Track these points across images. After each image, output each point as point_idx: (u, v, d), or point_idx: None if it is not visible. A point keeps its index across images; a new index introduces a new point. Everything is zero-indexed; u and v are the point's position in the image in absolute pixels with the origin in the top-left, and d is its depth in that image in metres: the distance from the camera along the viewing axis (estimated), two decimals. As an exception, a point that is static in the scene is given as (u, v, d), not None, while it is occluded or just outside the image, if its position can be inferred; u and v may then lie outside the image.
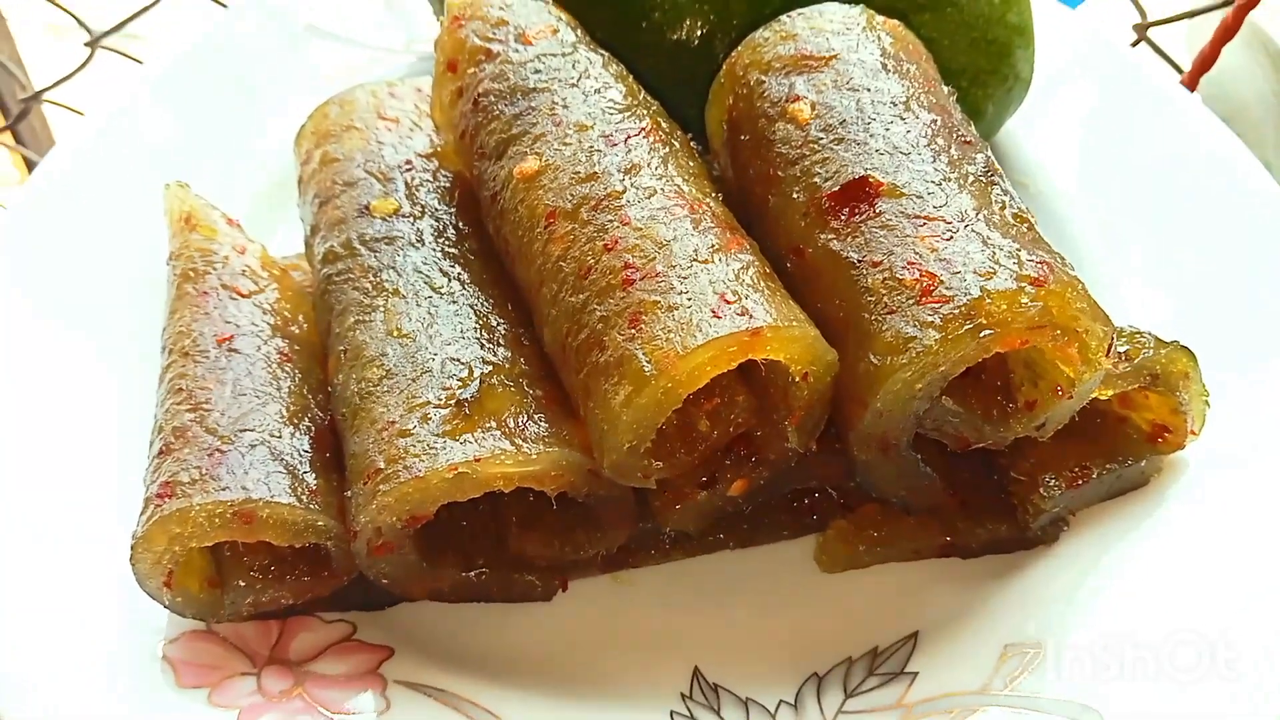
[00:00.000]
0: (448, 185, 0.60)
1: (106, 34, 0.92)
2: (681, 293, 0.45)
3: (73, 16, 0.92)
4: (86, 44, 0.92)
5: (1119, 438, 0.56)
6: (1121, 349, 0.53)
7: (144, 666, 0.50)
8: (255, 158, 0.76)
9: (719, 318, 0.44)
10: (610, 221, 0.48)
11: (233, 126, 0.78)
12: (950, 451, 0.53)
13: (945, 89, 0.56)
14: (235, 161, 0.76)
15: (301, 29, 0.84)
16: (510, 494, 0.53)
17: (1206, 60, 0.84)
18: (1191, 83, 0.85)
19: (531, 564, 0.53)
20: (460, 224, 0.58)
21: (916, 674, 0.52)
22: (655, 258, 0.46)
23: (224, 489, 0.47)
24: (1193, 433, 0.56)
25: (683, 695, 0.52)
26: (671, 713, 0.51)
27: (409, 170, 0.60)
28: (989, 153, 0.52)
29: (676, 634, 0.55)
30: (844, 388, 0.47)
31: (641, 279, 0.46)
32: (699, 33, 0.66)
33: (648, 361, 0.44)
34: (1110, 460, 0.55)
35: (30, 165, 1.13)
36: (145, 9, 0.92)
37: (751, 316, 0.44)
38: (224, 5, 0.89)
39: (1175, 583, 0.52)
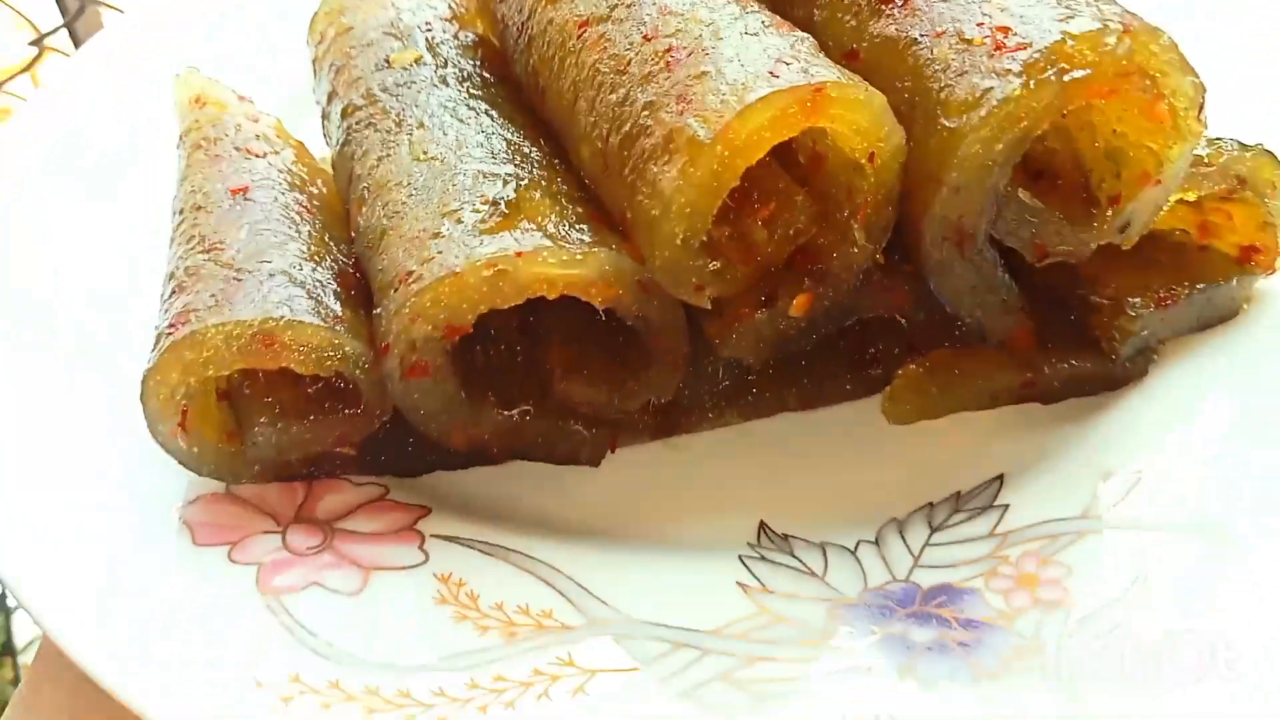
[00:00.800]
0: (470, 43, 0.57)
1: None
2: (732, 60, 0.41)
3: None
4: None
5: (1205, 263, 0.52)
6: (1202, 151, 0.49)
7: (157, 528, 0.45)
8: (271, 69, 0.73)
9: (777, 76, 0.40)
10: (648, 14, 0.45)
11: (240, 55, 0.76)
12: (1026, 280, 0.49)
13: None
14: (250, 73, 0.73)
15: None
16: (553, 335, 0.49)
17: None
18: None
19: (578, 411, 0.49)
20: (484, 74, 0.54)
21: (1008, 505, 0.47)
22: (701, 35, 0.43)
23: (241, 310, 0.43)
24: (1285, 249, 0.51)
25: (749, 544, 0.47)
26: (740, 557, 0.46)
27: (429, 30, 0.57)
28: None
29: (737, 493, 0.50)
30: (914, 173, 0.43)
31: (688, 56, 0.42)
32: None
33: (701, 126, 0.40)
34: (1197, 281, 0.51)
35: None
36: None
37: (813, 75, 0.40)
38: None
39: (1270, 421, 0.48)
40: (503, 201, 0.43)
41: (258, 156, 0.54)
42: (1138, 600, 0.41)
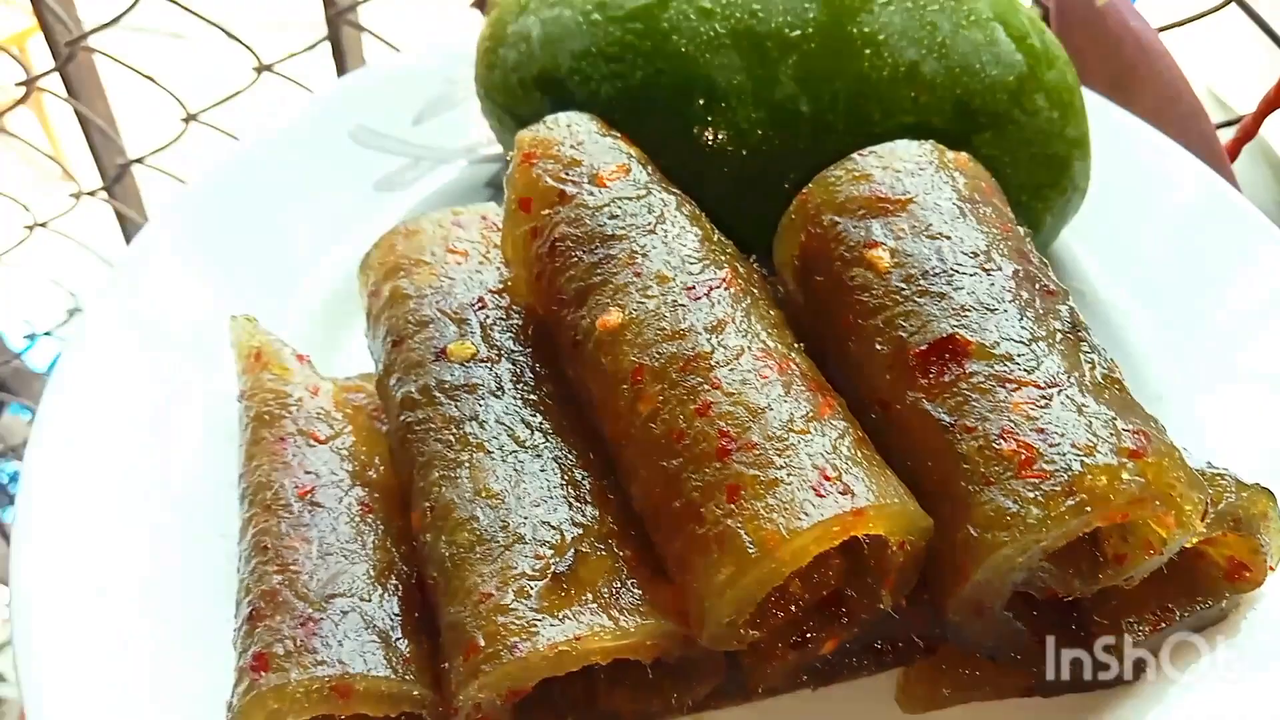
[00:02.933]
0: (520, 323, 0.60)
1: (203, 111, 0.95)
2: (781, 468, 0.45)
3: (171, 95, 0.96)
4: (183, 119, 0.95)
5: (1198, 575, 0.56)
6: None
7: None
8: (312, 270, 0.76)
9: (822, 497, 0.44)
10: (700, 385, 0.49)
11: (288, 236, 0.78)
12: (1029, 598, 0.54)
13: (1020, 230, 0.56)
14: (292, 273, 0.76)
15: (351, 130, 0.84)
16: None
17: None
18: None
19: (620, 717, 0.53)
20: (537, 366, 0.58)
21: (1012, 829, 0.52)
22: (750, 427, 0.46)
23: (320, 663, 0.47)
24: (1271, 569, 0.56)
25: None
26: None
27: (481, 309, 0.60)
28: (1071, 304, 0.52)
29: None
30: (941, 554, 0.47)
31: (738, 450, 0.46)
32: (761, 157, 0.66)
33: (751, 542, 0.44)
34: (1191, 600, 0.55)
35: (123, 219, 1.17)
36: (237, 93, 0.95)
37: (854, 495, 0.44)
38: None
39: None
40: (563, 577, 0.47)
41: (321, 443, 0.57)
42: None
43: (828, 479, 0.44)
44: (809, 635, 0.50)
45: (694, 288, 0.53)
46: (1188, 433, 0.54)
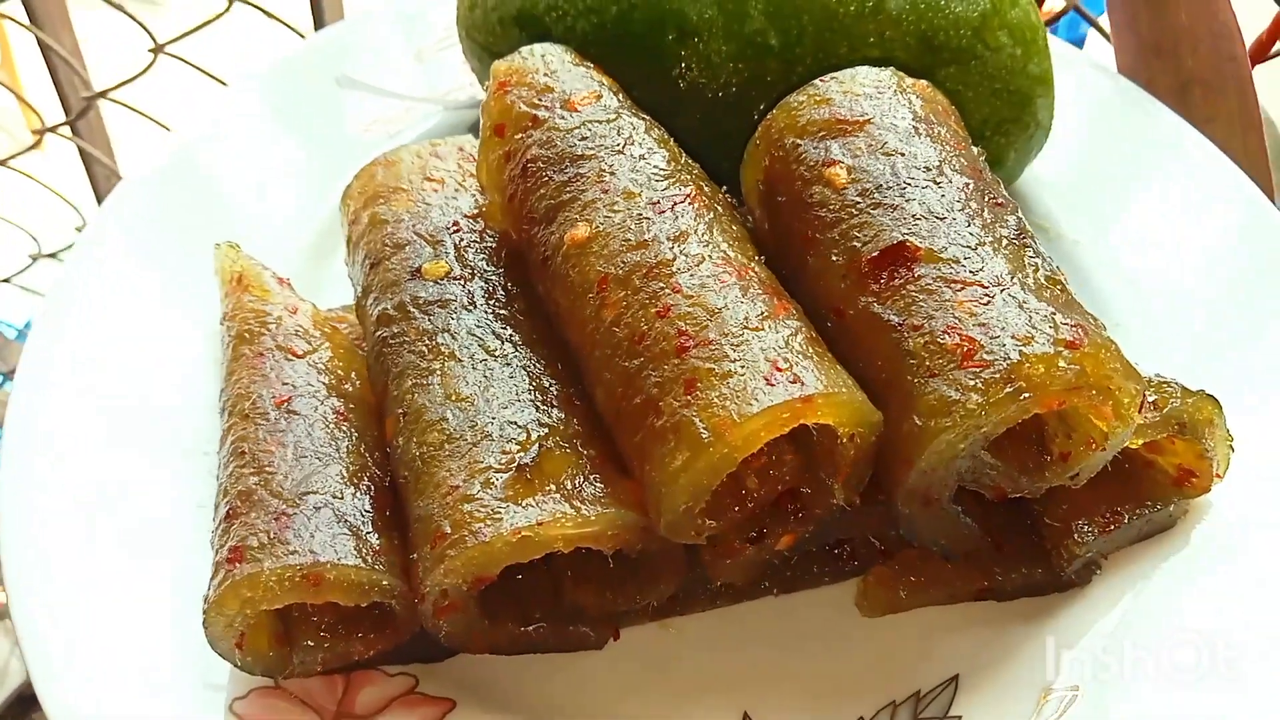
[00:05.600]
0: (494, 245, 0.62)
1: (171, 41, 0.96)
2: (735, 360, 0.47)
3: (139, 24, 0.96)
4: (150, 50, 0.95)
5: (1147, 482, 0.58)
6: (1150, 398, 0.55)
7: (212, 721, 0.52)
8: (297, 211, 0.78)
9: (772, 385, 0.46)
10: (661, 289, 0.50)
11: (273, 180, 0.80)
12: (982, 501, 0.56)
13: (975, 149, 0.58)
14: (278, 215, 0.78)
15: (335, 80, 0.86)
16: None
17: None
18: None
19: (585, 615, 0.55)
20: (508, 284, 0.60)
21: (960, 718, 0.54)
22: (707, 325, 0.48)
23: (292, 553, 0.49)
24: (1217, 476, 0.58)
25: (733, 738, 0.54)
26: (723, 757, 0.53)
27: (456, 232, 0.62)
28: (1020, 214, 0.54)
29: (724, 678, 0.57)
30: (889, 447, 0.49)
31: (695, 346, 0.48)
32: (732, 90, 0.68)
33: (705, 428, 0.46)
34: (1139, 505, 0.57)
35: (86, 157, 1.17)
36: (208, 22, 0.96)
37: (803, 384, 0.46)
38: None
39: (1203, 623, 0.54)
40: (527, 467, 0.49)
41: (298, 357, 0.59)
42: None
43: (779, 370, 0.46)
44: (766, 531, 0.52)
45: (659, 203, 0.55)
46: (1148, 358, 0.56)
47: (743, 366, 0.47)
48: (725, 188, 0.62)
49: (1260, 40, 0.84)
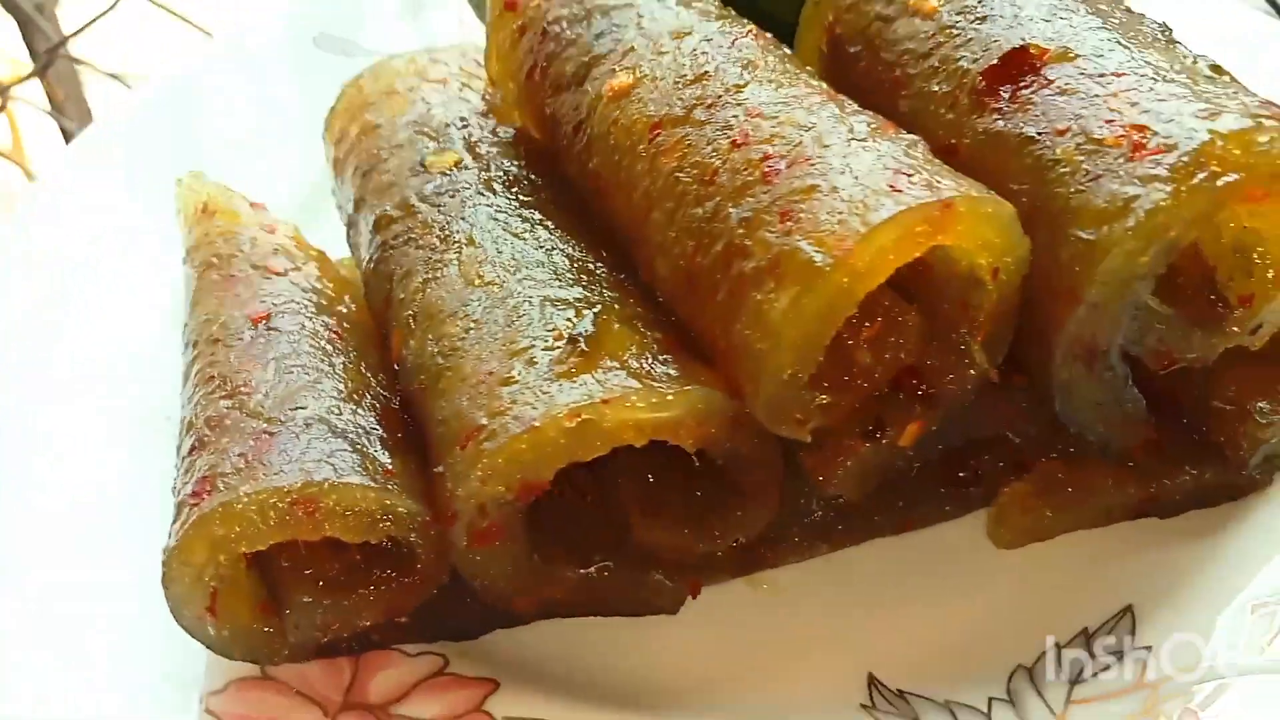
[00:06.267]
0: (511, 140, 0.52)
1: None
2: (843, 171, 0.36)
3: None
4: None
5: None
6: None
7: (185, 722, 0.39)
8: (274, 176, 0.68)
9: (900, 192, 0.35)
10: (735, 116, 0.40)
11: (247, 145, 0.71)
12: (1142, 384, 0.44)
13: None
14: (253, 180, 0.68)
15: (313, 38, 0.77)
16: (628, 477, 0.43)
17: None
18: None
19: (658, 560, 0.43)
20: (531, 175, 0.49)
21: (1150, 648, 0.42)
22: (802, 141, 0.38)
23: (277, 474, 0.37)
24: None
25: (863, 707, 0.42)
26: (857, 721, 0.40)
27: (465, 127, 0.52)
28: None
29: (835, 640, 0.45)
30: (1041, 287, 0.39)
31: (788, 166, 0.37)
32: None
33: (817, 251, 0.35)
34: (1329, 381, 0.46)
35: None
36: None
37: (939, 189, 0.36)
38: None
39: None
40: (582, 338, 0.38)
41: (278, 275, 0.48)
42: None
43: (906, 175, 0.36)
44: (885, 422, 0.41)
45: (714, 38, 0.45)
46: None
47: (857, 178, 0.36)
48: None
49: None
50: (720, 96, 0.41)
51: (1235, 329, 0.41)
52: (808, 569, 0.48)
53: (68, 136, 1.20)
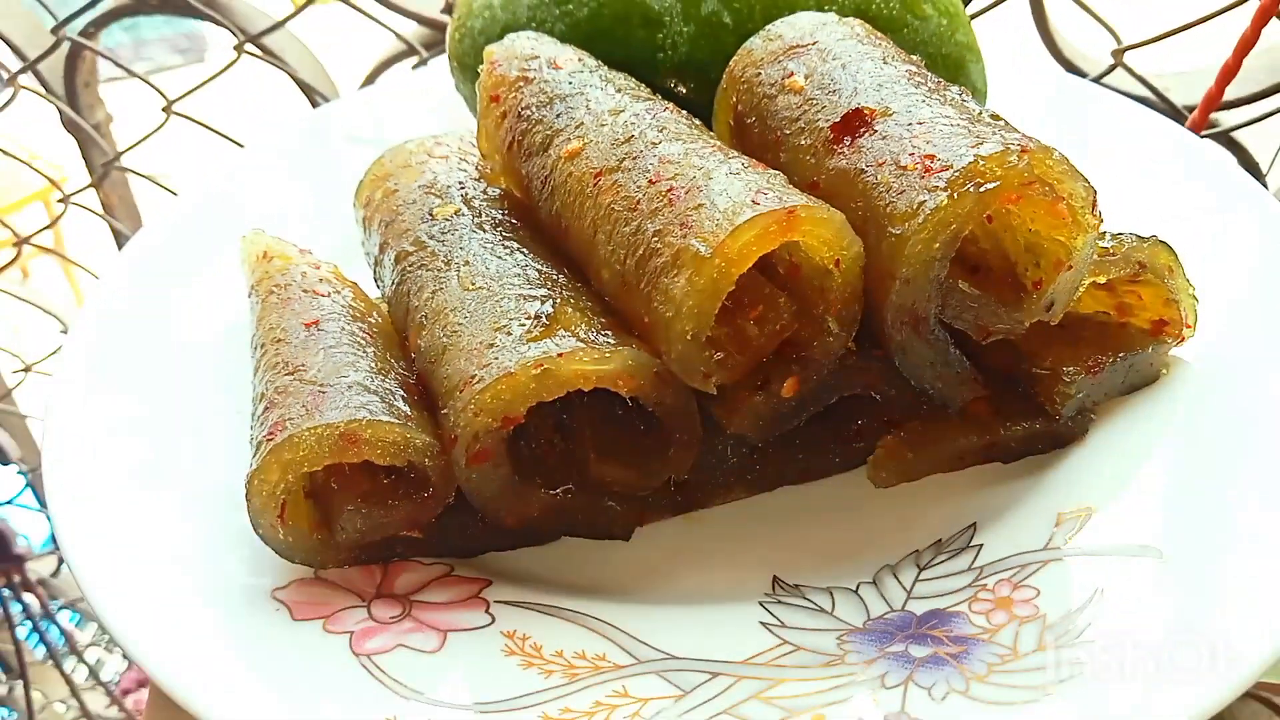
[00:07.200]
0: (497, 197, 0.68)
1: (180, 98, 1.05)
2: (721, 193, 0.52)
3: (151, 85, 1.05)
4: (163, 109, 1.04)
5: (1124, 337, 0.62)
6: (1107, 244, 0.60)
7: (261, 606, 0.52)
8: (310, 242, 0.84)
9: (758, 204, 0.51)
10: (651, 163, 0.56)
11: (289, 215, 0.86)
12: (980, 362, 0.59)
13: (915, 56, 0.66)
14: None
15: (341, 140, 0.95)
16: (585, 429, 0.58)
17: (1213, 99, 0.84)
18: (1200, 123, 0.85)
19: (610, 490, 0.57)
20: (512, 219, 0.65)
21: (981, 545, 0.55)
22: (695, 177, 0.54)
23: (329, 414, 0.52)
24: (1188, 326, 0.62)
25: (766, 594, 0.55)
26: (759, 603, 0.54)
27: (463, 188, 0.68)
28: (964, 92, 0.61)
29: (751, 555, 0.59)
30: (872, 273, 0.54)
31: (685, 193, 0.53)
32: (694, 67, 0.76)
33: (702, 244, 0.50)
34: (1119, 352, 0.61)
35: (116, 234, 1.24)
36: (213, 77, 1.05)
37: (787, 201, 0.51)
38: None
39: (1194, 461, 0.57)
40: (543, 316, 0.53)
41: (323, 296, 0.64)
42: (1097, 610, 0.49)
43: (764, 193, 0.52)
44: (770, 377, 0.56)
45: (641, 113, 0.61)
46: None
47: (730, 196, 0.52)
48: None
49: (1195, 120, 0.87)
50: (642, 151, 0.58)
51: (1032, 305, 0.57)
52: (731, 509, 0.62)
53: (118, 237, 1.38)
